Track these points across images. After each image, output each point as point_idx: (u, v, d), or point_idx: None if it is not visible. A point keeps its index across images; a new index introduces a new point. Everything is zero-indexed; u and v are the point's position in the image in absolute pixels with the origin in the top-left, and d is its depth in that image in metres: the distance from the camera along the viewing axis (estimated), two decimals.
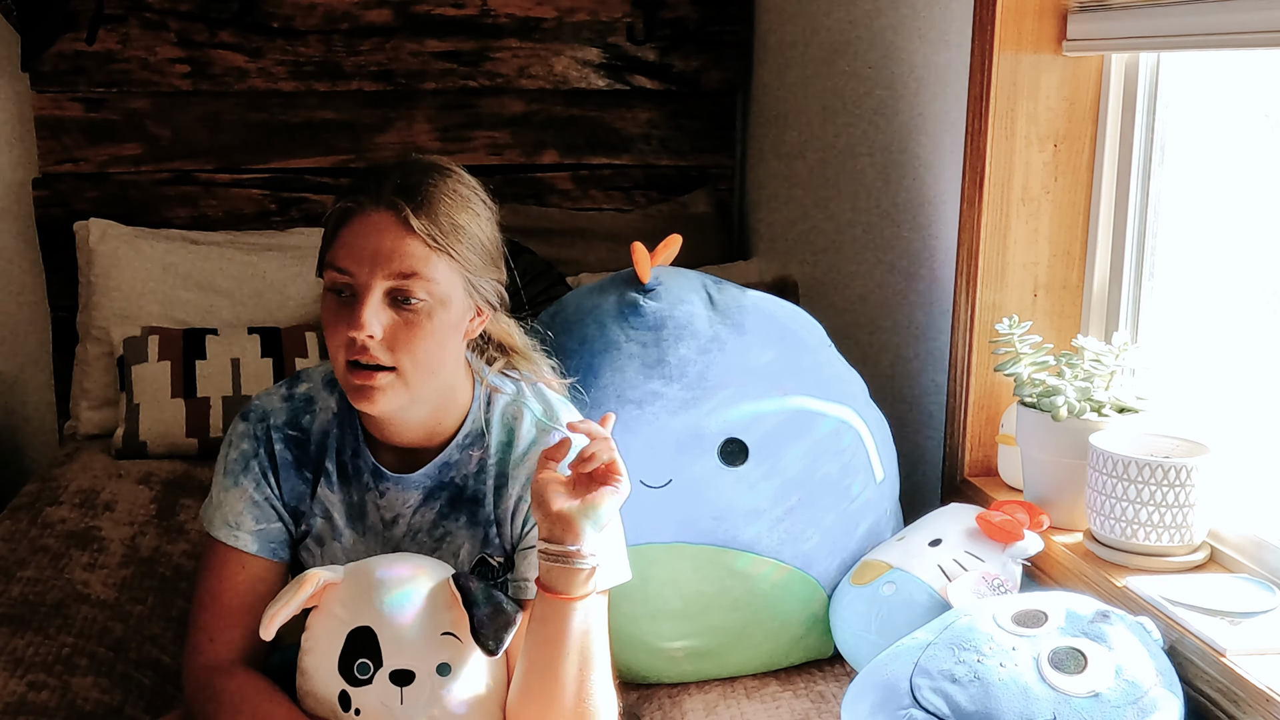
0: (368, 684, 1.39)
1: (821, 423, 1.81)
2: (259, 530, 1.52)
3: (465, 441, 1.54)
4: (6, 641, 1.82)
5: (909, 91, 2.32)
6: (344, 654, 1.41)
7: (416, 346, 1.42)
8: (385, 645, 1.39)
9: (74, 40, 2.90)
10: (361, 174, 1.49)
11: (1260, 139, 1.75)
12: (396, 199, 1.41)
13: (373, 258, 1.40)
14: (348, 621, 1.41)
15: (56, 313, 2.99)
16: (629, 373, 1.77)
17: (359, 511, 1.55)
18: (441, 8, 3.05)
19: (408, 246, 1.41)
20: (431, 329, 1.43)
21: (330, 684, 1.41)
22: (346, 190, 1.46)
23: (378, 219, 1.41)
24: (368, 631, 1.40)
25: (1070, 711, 1.36)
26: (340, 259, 1.42)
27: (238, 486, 1.53)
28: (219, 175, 3.05)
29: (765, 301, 1.87)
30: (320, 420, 1.56)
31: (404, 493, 1.54)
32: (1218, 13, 1.63)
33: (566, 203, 3.21)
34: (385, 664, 1.39)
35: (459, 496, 1.54)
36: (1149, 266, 1.94)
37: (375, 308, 1.41)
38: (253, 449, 1.54)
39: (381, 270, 1.40)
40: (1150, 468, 1.62)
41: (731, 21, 3.17)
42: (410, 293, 1.41)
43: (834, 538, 1.81)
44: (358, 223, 1.42)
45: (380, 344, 1.41)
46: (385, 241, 1.40)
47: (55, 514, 2.33)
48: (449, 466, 1.54)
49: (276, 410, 1.56)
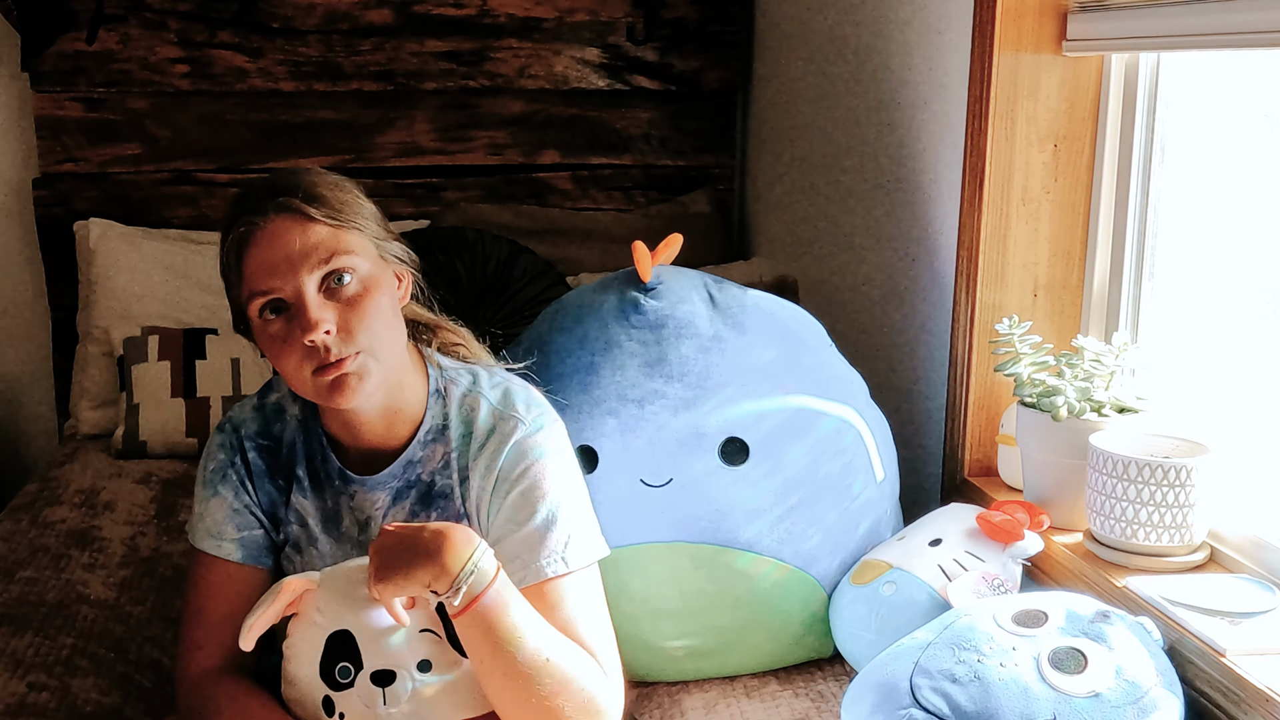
0: (349, 687, 1.40)
1: (823, 422, 1.81)
2: (241, 538, 1.54)
3: (427, 438, 1.54)
4: (6, 642, 1.82)
5: (909, 91, 2.32)
6: (324, 658, 1.41)
7: (370, 322, 1.44)
8: (364, 647, 1.40)
9: (74, 40, 2.90)
10: (233, 203, 1.50)
11: (1260, 139, 1.75)
12: (283, 199, 1.44)
13: (288, 261, 1.42)
14: (326, 627, 1.41)
15: (56, 313, 2.99)
16: (630, 372, 1.77)
17: (334, 517, 1.55)
18: (441, 8, 3.05)
19: (316, 235, 1.43)
20: (372, 301, 1.45)
21: (313, 689, 1.42)
22: (230, 222, 1.46)
23: (277, 226, 1.43)
24: (346, 635, 1.40)
25: (1070, 711, 1.36)
26: (260, 281, 1.43)
27: (217, 496, 1.55)
28: (219, 175, 3.05)
29: (766, 301, 1.87)
30: (290, 428, 1.58)
31: (372, 494, 1.54)
32: (1218, 13, 1.63)
33: (566, 203, 3.21)
34: (365, 666, 1.39)
35: (428, 494, 1.54)
36: (1149, 266, 1.94)
37: (317, 304, 1.42)
38: (229, 459, 1.56)
39: (304, 268, 1.42)
40: (1150, 468, 1.62)
41: (731, 21, 3.17)
42: (339, 272, 1.43)
43: (835, 536, 1.81)
44: (260, 239, 1.43)
45: (335, 337, 1.42)
46: (294, 241, 1.43)
47: (55, 514, 2.33)
48: (413, 464, 1.54)
49: (248, 420, 1.58)
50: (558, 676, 1.40)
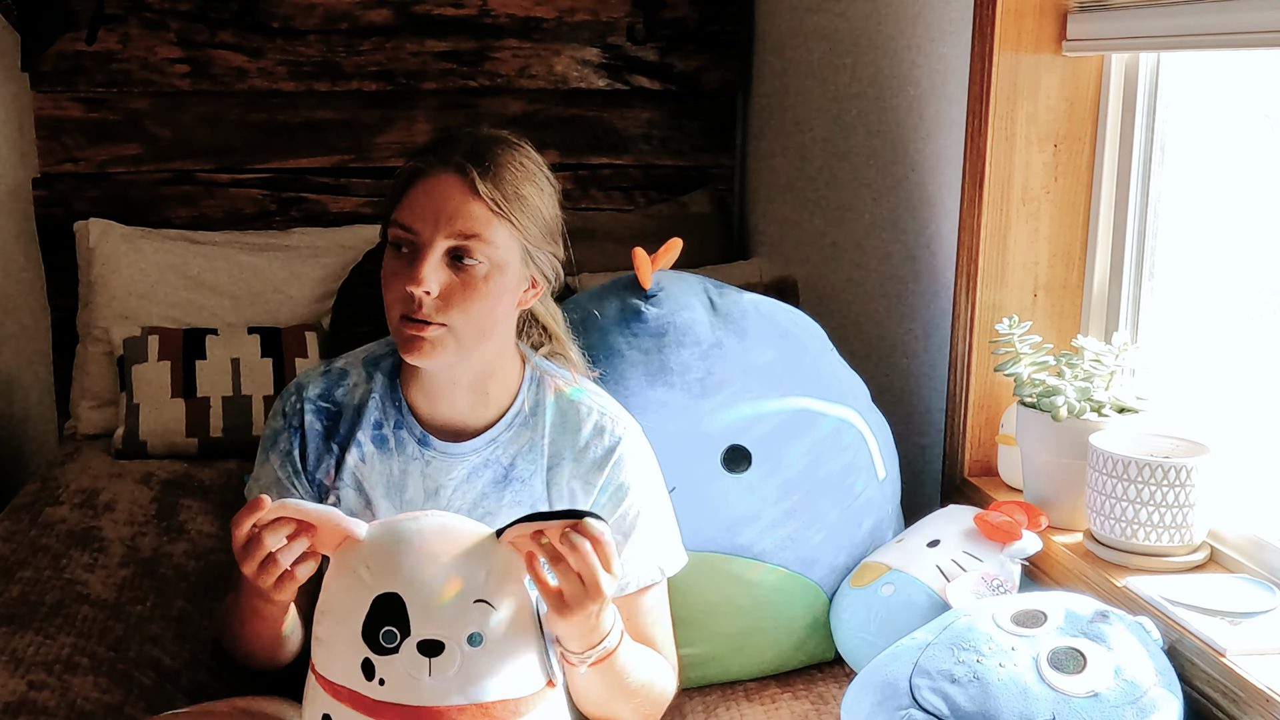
0: (394, 653, 1.31)
1: (823, 422, 1.81)
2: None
3: (515, 421, 1.57)
4: (6, 641, 1.82)
5: (909, 91, 2.32)
6: (368, 620, 1.33)
7: (470, 306, 1.47)
8: (414, 614, 1.31)
9: (74, 40, 2.90)
10: (433, 138, 1.56)
11: (1260, 139, 1.75)
12: (465, 163, 1.47)
13: (436, 217, 1.45)
14: (373, 587, 1.33)
15: (56, 313, 2.98)
16: (631, 381, 1.77)
17: (400, 484, 1.56)
18: (441, 8, 3.05)
19: (471, 209, 1.46)
20: (486, 290, 1.47)
21: (353, 648, 1.34)
22: (417, 152, 1.51)
23: (445, 180, 1.47)
24: (395, 598, 1.32)
25: (1069, 711, 1.36)
26: (405, 216, 1.47)
27: (268, 462, 1.60)
28: (219, 175, 3.05)
29: (766, 305, 1.87)
30: (356, 394, 1.60)
31: (450, 462, 1.56)
32: (1218, 13, 1.63)
33: (567, 203, 3.18)
34: (413, 633, 1.31)
35: (505, 476, 1.56)
36: (1149, 266, 1.94)
37: (434, 265, 1.45)
38: (282, 425, 1.60)
39: (444, 229, 1.45)
40: (1150, 468, 1.62)
41: (731, 21, 3.17)
42: (469, 252, 1.46)
43: (838, 535, 1.81)
44: (426, 183, 1.47)
45: (435, 301, 1.45)
46: (450, 202, 1.46)
47: (55, 514, 2.33)
48: (496, 443, 1.56)
49: (313, 382, 1.62)
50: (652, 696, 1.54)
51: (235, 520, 1.34)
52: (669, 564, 1.61)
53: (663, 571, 1.59)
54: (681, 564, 1.63)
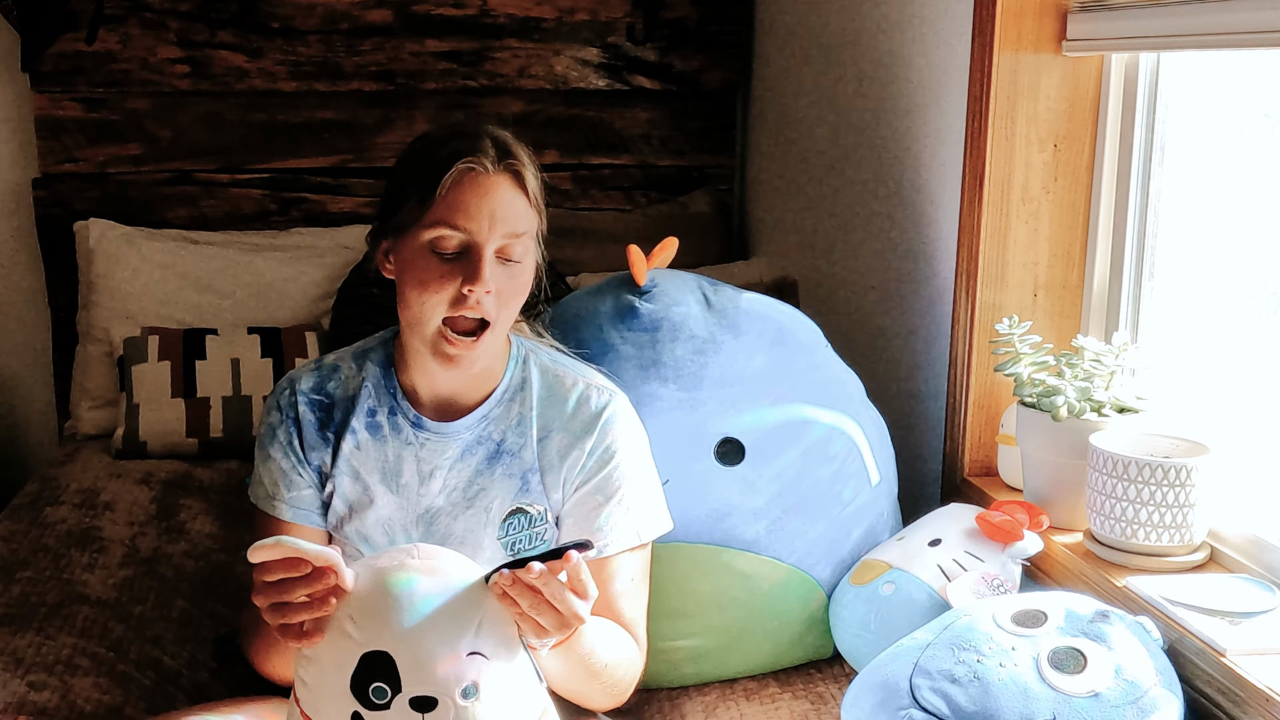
0: (384, 709, 1.25)
1: (812, 429, 1.81)
2: (290, 498, 1.60)
3: (505, 396, 1.60)
4: (7, 641, 1.82)
5: (909, 91, 2.32)
6: (357, 675, 1.26)
7: (513, 300, 1.53)
8: (405, 672, 1.26)
9: (74, 40, 2.90)
10: (460, 136, 1.53)
11: (1260, 139, 1.75)
12: (514, 164, 1.51)
13: (491, 216, 1.48)
14: (362, 643, 1.27)
15: (56, 313, 2.99)
16: (625, 375, 1.77)
17: (395, 469, 1.59)
18: (441, 8, 3.05)
19: (520, 207, 1.51)
20: (525, 284, 1.54)
21: (340, 701, 1.28)
22: (452, 153, 1.49)
23: (498, 181, 1.50)
24: (384, 656, 1.26)
25: (1070, 711, 1.36)
26: (456, 217, 1.48)
27: (269, 459, 1.61)
28: (219, 175, 3.05)
29: (761, 303, 1.87)
30: (348, 386, 1.62)
31: (444, 442, 1.58)
32: (1218, 13, 1.63)
33: (566, 203, 3.21)
34: (404, 690, 1.25)
35: (496, 452, 1.58)
36: (1149, 266, 1.94)
37: (491, 263, 1.49)
38: (279, 419, 1.61)
39: (499, 229, 1.48)
40: (1150, 468, 1.62)
41: (731, 21, 3.17)
42: (512, 250, 1.51)
43: (825, 545, 1.82)
44: (479, 183, 1.49)
45: (493, 299, 1.49)
46: (504, 202, 1.49)
47: (55, 514, 2.33)
48: (488, 420, 1.59)
49: (304, 377, 1.64)
50: (617, 676, 1.55)
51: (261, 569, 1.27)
52: (647, 531, 1.61)
53: (639, 536, 1.60)
54: (662, 531, 1.64)
